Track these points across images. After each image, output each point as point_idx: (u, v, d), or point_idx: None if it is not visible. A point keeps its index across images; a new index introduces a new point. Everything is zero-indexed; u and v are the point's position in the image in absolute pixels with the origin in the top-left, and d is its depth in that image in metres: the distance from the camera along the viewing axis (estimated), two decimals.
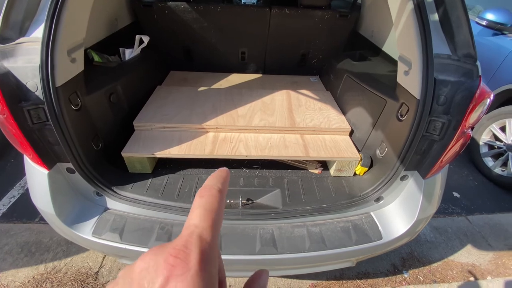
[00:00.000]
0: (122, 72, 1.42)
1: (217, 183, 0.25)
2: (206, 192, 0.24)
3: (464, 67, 0.98)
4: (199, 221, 0.21)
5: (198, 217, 0.22)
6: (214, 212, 0.22)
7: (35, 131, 0.97)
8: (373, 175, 1.27)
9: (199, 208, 0.22)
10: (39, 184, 1.06)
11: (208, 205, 0.23)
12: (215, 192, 0.24)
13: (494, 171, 2.49)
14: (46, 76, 0.90)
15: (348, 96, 1.54)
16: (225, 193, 0.25)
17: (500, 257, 1.90)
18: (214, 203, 0.23)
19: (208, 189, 0.24)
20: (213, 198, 0.23)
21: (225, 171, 0.27)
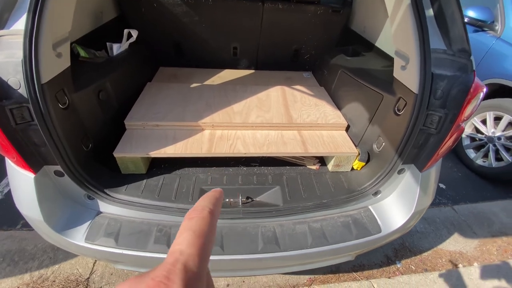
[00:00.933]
0: (111, 68, 1.35)
1: (209, 204, 0.24)
2: (196, 214, 0.22)
3: (459, 62, 1.00)
4: (185, 247, 0.19)
5: (185, 242, 0.20)
6: (203, 237, 0.20)
7: (18, 132, 0.89)
8: (371, 169, 1.28)
9: (187, 232, 0.20)
10: (25, 189, 0.99)
11: (197, 228, 0.21)
12: (205, 214, 0.22)
13: (476, 162, 2.60)
14: (30, 72, 0.83)
15: (343, 91, 1.55)
16: (217, 215, 0.24)
17: (484, 244, 2.00)
18: (204, 226, 0.21)
19: (199, 210, 0.22)
20: (203, 220, 0.22)
21: (218, 192, 0.26)
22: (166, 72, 1.87)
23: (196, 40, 1.83)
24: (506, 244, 1.99)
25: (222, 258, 1.05)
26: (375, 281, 1.68)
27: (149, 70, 1.85)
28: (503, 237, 2.04)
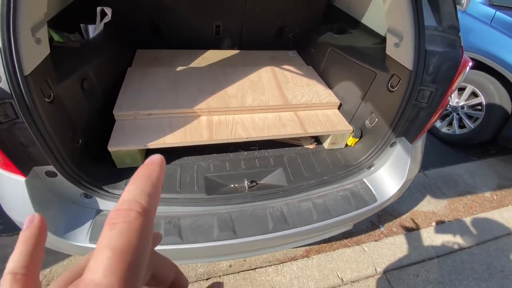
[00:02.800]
0: (90, 53, 1.21)
1: (141, 194, 0.16)
2: (118, 218, 0.15)
3: (449, 38, 1.06)
4: (102, 276, 0.13)
5: (101, 268, 0.14)
6: (130, 255, 0.14)
7: (3, 132, 0.79)
8: (364, 144, 1.35)
9: (104, 251, 0.14)
10: (16, 194, 0.89)
11: (120, 242, 0.14)
12: (133, 217, 0.15)
13: (441, 130, 2.86)
14: (11, 62, 0.72)
15: (333, 70, 1.57)
16: (154, 212, 0.16)
17: (452, 203, 2.26)
18: (132, 236, 0.14)
19: (122, 211, 0.15)
20: (130, 227, 0.15)
21: (156, 165, 0.18)
22: (145, 55, 1.73)
23: (175, 18, 1.70)
24: (471, 201, 2.28)
25: (236, 242, 1.07)
26: (365, 245, 1.84)
27: (126, 53, 1.69)
28: (468, 195, 2.32)
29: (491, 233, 2.01)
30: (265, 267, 1.63)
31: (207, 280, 1.54)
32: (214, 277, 1.56)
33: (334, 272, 1.63)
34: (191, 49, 1.87)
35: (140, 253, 0.15)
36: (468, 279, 1.71)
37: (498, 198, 2.35)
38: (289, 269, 1.62)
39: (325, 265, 1.66)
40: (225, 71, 1.58)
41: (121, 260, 0.14)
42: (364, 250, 1.79)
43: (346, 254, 1.74)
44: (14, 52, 0.72)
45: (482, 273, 1.75)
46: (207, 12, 1.71)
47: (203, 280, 1.53)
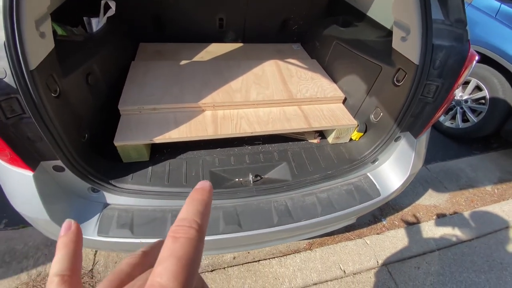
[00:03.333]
0: (94, 47, 1.20)
1: (197, 214, 0.19)
2: (182, 233, 0.18)
3: (456, 32, 1.05)
4: (167, 280, 0.16)
5: (166, 274, 0.16)
6: (189, 266, 0.17)
7: (10, 127, 0.79)
8: (369, 139, 1.35)
9: (170, 259, 0.17)
10: (24, 189, 0.90)
11: (183, 253, 0.17)
12: (193, 234, 0.18)
13: (444, 124, 2.86)
14: (16, 57, 0.72)
15: (338, 63, 1.56)
16: (205, 229, 0.19)
17: (454, 196, 2.28)
18: (192, 249, 0.17)
19: (186, 227, 0.18)
20: (191, 242, 0.17)
21: (206, 192, 0.21)
22: (148, 49, 1.72)
23: (178, 11, 1.68)
24: (472, 195, 2.29)
25: (241, 235, 1.08)
26: (367, 238, 1.86)
27: (129, 47, 1.68)
28: (469, 189, 2.33)
29: (491, 226, 2.03)
30: (269, 259, 1.66)
31: (212, 271, 1.57)
32: (218, 268, 1.59)
33: (336, 264, 1.66)
34: (194, 43, 1.85)
35: (196, 264, 0.17)
36: (468, 271, 1.74)
37: (499, 191, 2.36)
38: (292, 261, 1.65)
39: (328, 258, 1.69)
40: (229, 64, 1.57)
41: (183, 269, 0.16)
42: (366, 243, 1.81)
43: (349, 247, 1.77)
44: (18, 47, 0.72)
45: (482, 265, 1.78)
46: (210, 5, 1.69)
47: (208, 271, 1.56)
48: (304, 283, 1.55)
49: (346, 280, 1.61)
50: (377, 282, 1.62)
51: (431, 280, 1.66)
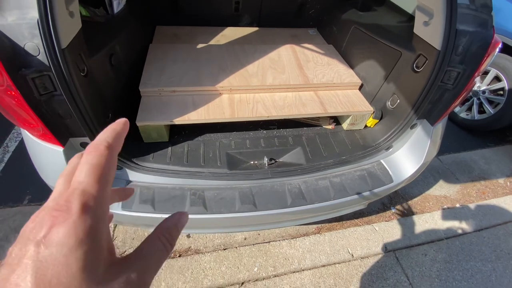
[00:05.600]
0: (116, 28, 1.22)
1: (108, 137, 0.24)
2: (93, 149, 0.23)
3: (481, 17, 1.02)
4: (83, 177, 0.21)
5: (82, 174, 0.21)
6: (101, 168, 0.22)
7: (42, 103, 0.83)
8: (384, 126, 1.35)
9: (85, 165, 0.22)
10: (54, 164, 0.96)
11: (95, 161, 0.22)
12: (102, 149, 0.23)
13: (459, 115, 2.80)
14: (49, 35, 0.75)
15: (356, 49, 1.54)
16: (116, 148, 0.24)
17: (465, 188, 2.27)
18: (101, 159, 0.22)
19: (95, 146, 0.23)
20: (101, 155, 0.23)
21: (120, 124, 0.26)
22: (165, 32, 1.73)
23: None
24: (484, 187, 2.28)
25: (256, 214, 1.13)
26: (376, 224, 1.90)
27: (147, 30, 1.69)
28: (481, 181, 2.32)
29: (501, 218, 2.03)
30: (279, 241, 1.71)
31: (224, 250, 1.63)
32: (230, 248, 1.66)
33: (345, 248, 1.70)
34: (210, 26, 1.85)
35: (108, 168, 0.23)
36: (475, 259, 1.76)
37: (511, 184, 2.34)
38: (302, 243, 1.70)
39: (336, 242, 1.73)
40: (245, 48, 1.57)
41: (95, 169, 0.22)
42: (375, 229, 1.85)
43: (357, 232, 1.81)
44: (51, 25, 0.74)
45: (489, 255, 1.80)
46: None
47: (220, 250, 1.63)
48: (312, 264, 1.61)
49: (354, 264, 1.66)
50: (384, 267, 1.67)
51: (438, 267, 1.70)
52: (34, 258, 0.18)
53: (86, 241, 0.19)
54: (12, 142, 2.19)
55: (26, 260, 0.18)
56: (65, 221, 0.19)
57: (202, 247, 1.68)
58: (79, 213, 0.20)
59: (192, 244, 1.69)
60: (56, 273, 0.18)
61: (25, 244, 0.19)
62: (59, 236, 0.19)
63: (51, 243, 0.18)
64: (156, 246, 0.25)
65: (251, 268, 1.56)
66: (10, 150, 2.13)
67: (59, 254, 0.18)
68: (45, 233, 0.19)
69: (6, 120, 0.96)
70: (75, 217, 0.19)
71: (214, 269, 1.54)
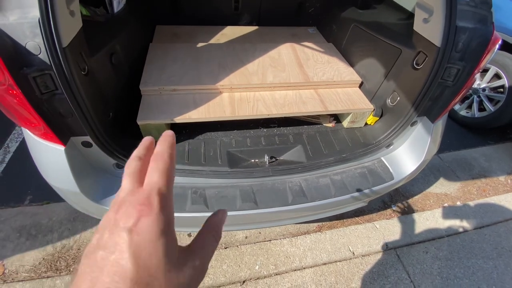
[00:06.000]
0: (116, 28, 1.23)
1: (168, 149, 0.29)
2: (159, 158, 0.28)
3: (480, 14, 1.03)
4: (157, 179, 0.26)
5: (155, 177, 0.26)
6: (168, 172, 0.27)
7: (44, 102, 0.84)
8: (385, 123, 1.36)
9: (156, 171, 0.27)
10: (55, 163, 0.96)
11: (162, 167, 0.27)
12: (166, 157, 0.28)
13: (459, 113, 2.81)
14: (50, 34, 0.75)
15: (356, 47, 1.54)
16: (174, 157, 0.29)
17: (466, 186, 2.27)
18: (167, 166, 0.27)
19: (160, 155, 0.28)
20: (166, 162, 0.27)
21: (171, 136, 0.31)
22: (165, 31, 1.73)
23: None
24: (485, 184, 2.28)
25: (257, 212, 1.13)
26: (377, 222, 1.90)
27: (147, 29, 1.70)
28: (482, 179, 2.32)
29: (502, 215, 2.03)
30: (280, 239, 1.71)
31: (226, 249, 1.64)
32: (231, 246, 1.66)
33: (345, 246, 1.71)
34: (210, 25, 1.85)
35: (171, 174, 0.28)
36: (476, 257, 1.76)
37: None
38: (303, 241, 1.70)
39: (337, 240, 1.73)
40: (245, 47, 1.58)
41: (164, 174, 0.27)
42: (376, 227, 1.85)
43: (358, 230, 1.81)
44: (52, 24, 0.74)
45: (491, 252, 1.80)
46: None
47: (222, 248, 1.63)
48: (314, 262, 1.61)
49: (355, 261, 1.66)
50: (385, 264, 1.67)
51: (439, 264, 1.70)
52: (130, 243, 0.22)
53: (166, 232, 0.24)
54: (13, 142, 2.19)
55: (123, 244, 0.22)
56: (149, 214, 0.23)
57: None
58: (159, 208, 0.24)
59: None
60: (148, 254, 0.22)
61: (116, 231, 0.23)
62: (147, 225, 0.23)
63: (141, 231, 0.22)
64: (209, 238, 0.30)
65: (253, 266, 1.57)
66: (11, 150, 2.14)
67: (148, 240, 0.22)
68: (134, 222, 0.23)
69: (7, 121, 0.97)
70: (156, 211, 0.24)
71: (215, 267, 1.54)
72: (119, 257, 0.21)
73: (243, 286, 1.51)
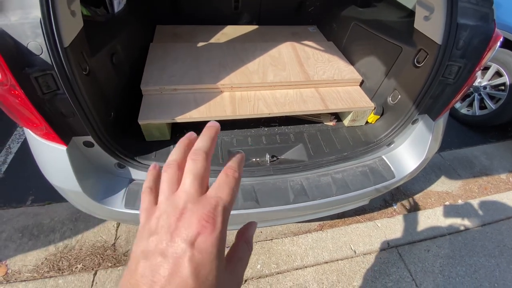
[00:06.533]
0: (117, 28, 1.23)
1: (238, 167, 0.30)
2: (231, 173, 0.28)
3: (482, 11, 1.02)
4: (225, 196, 0.26)
5: (224, 193, 0.27)
6: (234, 190, 0.28)
7: (45, 102, 0.84)
8: (386, 122, 1.36)
9: (225, 186, 0.27)
10: (58, 163, 0.96)
11: (232, 185, 0.28)
12: (237, 176, 0.29)
13: (460, 111, 2.80)
14: (52, 34, 0.75)
15: (356, 45, 1.54)
16: (241, 176, 0.30)
17: (467, 184, 2.27)
18: (235, 184, 0.28)
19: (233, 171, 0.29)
20: (235, 180, 0.28)
21: (242, 156, 0.31)
22: (165, 31, 1.73)
23: None
24: (486, 182, 2.28)
25: (259, 211, 1.13)
26: (378, 221, 1.90)
27: (147, 29, 1.70)
28: (483, 177, 2.31)
29: (504, 213, 2.03)
30: (281, 238, 1.72)
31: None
32: None
33: (347, 244, 1.71)
34: (210, 25, 1.85)
35: (237, 191, 0.28)
36: (478, 255, 1.76)
37: None
38: (304, 240, 1.70)
39: (339, 238, 1.73)
40: (245, 46, 1.58)
41: (231, 191, 0.27)
42: (377, 226, 1.85)
43: (360, 229, 1.81)
44: (54, 24, 0.75)
45: (493, 250, 1.80)
46: None
47: None
48: (315, 261, 1.61)
49: (357, 260, 1.66)
50: (386, 263, 1.67)
51: (441, 262, 1.70)
52: (191, 258, 0.23)
53: (222, 251, 0.25)
54: (15, 143, 2.20)
55: (183, 258, 0.23)
56: (212, 233, 0.24)
57: None
58: (221, 228, 0.25)
59: None
60: (206, 273, 0.23)
61: (178, 241, 0.24)
62: (209, 245, 0.24)
63: (202, 250, 0.23)
64: (244, 250, 0.31)
65: (254, 265, 1.57)
66: (12, 151, 2.14)
67: (208, 260, 0.24)
68: (194, 236, 0.24)
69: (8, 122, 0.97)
70: (218, 231, 0.25)
71: None
72: (181, 271, 0.23)
73: (244, 285, 1.51)
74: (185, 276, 0.22)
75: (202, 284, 0.23)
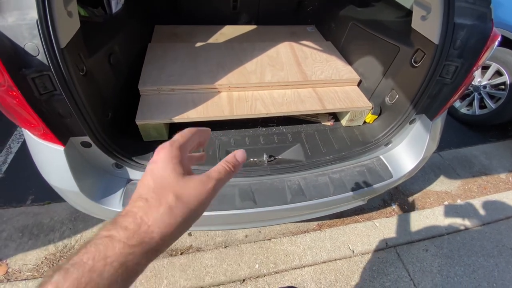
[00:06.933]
0: (114, 28, 1.23)
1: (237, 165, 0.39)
2: (230, 167, 0.38)
3: (479, 10, 1.02)
4: (177, 137, 0.37)
5: (177, 136, 0.37)
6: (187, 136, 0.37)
7: (42, 103, 0.84)
8: (383, 121, 1.36)
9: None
10: (56, 163, 0.97)
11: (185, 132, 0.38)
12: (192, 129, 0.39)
13: (460, 111, 2.79)
14: (48, 35, 0.76)
15: (354, 45, 1.54)
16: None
17: (466, 183, 2.26)
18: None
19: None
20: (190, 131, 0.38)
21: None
22: (164, 31, 1.74)
23: None
24: (485, 182, 2.27)
25: (256, 211, 1.13)
26: (377, 221, 1.90)
27: (146, 29, 1.70)
28: (482, 177, 2.31)
29: (503, 213, 2.03)
30: (280, 238, 1.72)
31: (226, 247, 1.64)
32: (231, 245, 1.67)
33: (345, 244, 1.71)
34: (209, 25, 1.85)
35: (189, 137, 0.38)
36: (476, 255, 1.76)
37: None
38: (303, 240, 1.71)
39: (337, 238, 1.74)
40: (244, 46, 1.58)
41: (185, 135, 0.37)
42: (375, 225, 1.85)
43: (358, 228, 1.81)
44: (50, 25, 0.75)
45: (491, 250, 1.79)
46: None
47: (222, 247, 1.64)
48: (313, 261, 1.61)
49: (355, 260, 1.66)
50: (385, 263, 1.67)
51: (439, 262, 1.70)
52: (150, 169, 0.34)
53: (174, 158, 0.34)
54: (15, 143, 2.21)
55: (148, 171, 0.33)
56: (163, 149, 0.34)
57: (203, 245, 1.69)
58: (170, 146, 0.34)
59: (193, 242, 1.70)
60: (161, 172, 0.33)
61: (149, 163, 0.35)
62: (161, 156, 0.34)
63: (157, 160, 0.34)
64: (224, 169, 0.37)
65: (252, 265, 1.57)
66: (13, 151, 2.15)
67: (161, 165, 0.33)
68: (155, 156, 0.34)
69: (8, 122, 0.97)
70: (168, 147, 0.34)
71: (215, 266, 1.55)
72: (145, 178, 0.33)
73: (243, 284, 1.52)
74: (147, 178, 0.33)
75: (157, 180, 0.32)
